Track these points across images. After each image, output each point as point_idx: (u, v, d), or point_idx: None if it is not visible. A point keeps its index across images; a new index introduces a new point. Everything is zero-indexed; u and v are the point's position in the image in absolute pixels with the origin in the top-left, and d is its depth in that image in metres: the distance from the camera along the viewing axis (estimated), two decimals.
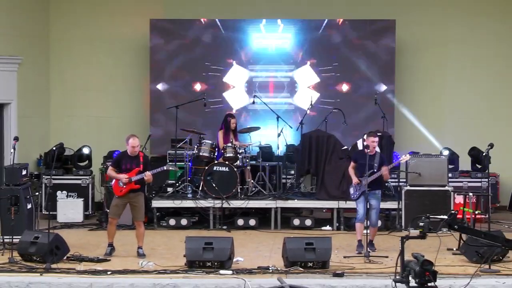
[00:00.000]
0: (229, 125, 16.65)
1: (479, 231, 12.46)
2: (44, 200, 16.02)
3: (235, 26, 18.39)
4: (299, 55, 18.41)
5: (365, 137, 14.17)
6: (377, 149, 14.12)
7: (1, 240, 13.39)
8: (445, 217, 10.89)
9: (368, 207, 13.55)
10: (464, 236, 12.87)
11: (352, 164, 13.95)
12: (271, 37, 18.42)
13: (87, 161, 17.60)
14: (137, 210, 13.29)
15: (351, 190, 13.77)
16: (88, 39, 18.66)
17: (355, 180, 13.64)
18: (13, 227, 13.28)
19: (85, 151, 17.65)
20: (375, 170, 13.51)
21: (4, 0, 16.90)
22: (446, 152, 17.14)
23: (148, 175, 13.13)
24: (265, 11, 18.51)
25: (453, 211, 10.98)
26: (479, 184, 16.84)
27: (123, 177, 13.13)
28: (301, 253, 12.20)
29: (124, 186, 13.15)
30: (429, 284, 9.94)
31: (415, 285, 9.93)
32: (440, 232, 11.42)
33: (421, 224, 10.84)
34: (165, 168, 13.84)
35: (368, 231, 13.51)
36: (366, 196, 13.53)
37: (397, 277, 10.37)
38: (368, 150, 13.58)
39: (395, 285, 10.17)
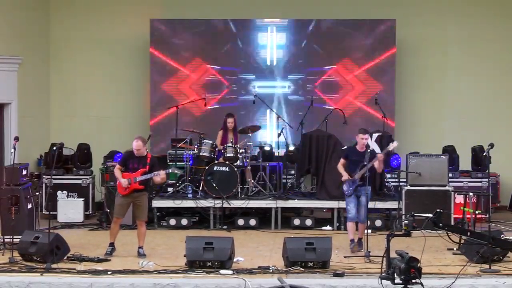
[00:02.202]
0: (226, 124, 16.67)
1: (465, 229, 12.49)
2: (45, 200, 16.01)
3: (236, 26, 18.41)
4: (300, 55, 18.41)
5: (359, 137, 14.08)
6: (376, 147, 14.07)
7: (2, 240, 13.39)
8: (430, 215, 10.96)
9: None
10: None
11: (342, 161, 13.81)
12: (271, 37, 18.42)
13: (87, 161, 17.60)
14: (140, 209, 13.32)
15: (345, 187, 13.63)
16: (88, 39, 18.65)
17: (345, 176, 13.54)
18: (13, 227, 13.28)
19: (85, 151, 17.65)
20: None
21: (4, 0, 16.90)
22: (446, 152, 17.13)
23: (162, 174, 13.15)
24: (265, 11, 18.50)
25: (438, 210, 11.02)
26: (479, 184, 16.85)
27: (123, 181, 13.16)
28: (302, 253, 12.21)
29: (129, 186, 13.17)
30: (413, 281, 10.13)
31: (400, 282, 10.18)
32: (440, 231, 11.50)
33: (406, 222, 10.98)
34: (169, 171, 13.82)
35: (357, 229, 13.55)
36: (357, 194, 13.49)
37: (383, 274, 10.61)
38: (370, 149, 13.55)
39: (381, 282, 10.33)
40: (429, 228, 11.14)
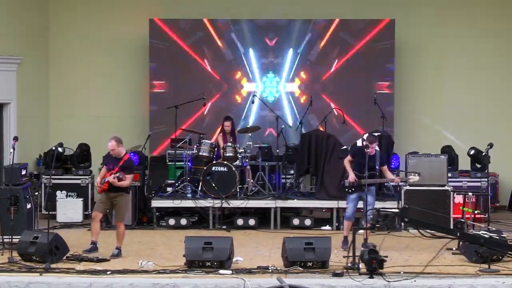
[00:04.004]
0: (223, 128, 16.68)
1: (433, 224, 12.49)
2: (44, 200, 16.02)
3: (236, 26, 18.42)
4: (300, 55, 18.41)
5: (364, 137, 14.14)
6: (376, 148, 14.08)
7: (1, 240, 13.39)
8: (396, 210, 11.15)
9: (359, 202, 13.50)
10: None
11: (349, 158, 13.89)
12: (271, 37, 18.43)
13: (86, 161, 17.60)
14: (116, 210, 13.35)
15: (346, 183, 13.68)
16: (88, 39, 18.65)
17: (352, 176, 13.59)
18: (12, 227, 13.27)
19: (85, 151, 17.65)
20: (376, 173, 13.45)
21: (3, 0, 16.90)
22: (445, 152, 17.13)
23: (110, 178, 13.07)
24: (265, 11, 18.51)
25: (405, 206, 11.15)
26: (478, 184, 16.85)
27: (96, 182, 13.33)
28: (301, 253, 12.20)
29: (100, 185, 13.23)
30: (378, 271, 10.52)
31: (366, 272, 10.95)
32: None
33: (371, 216, 11.22)
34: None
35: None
36: (362, 196, 13.47)
37: (349, 265, 11.43)
38: (368, 150, 13.52)
39: (347, 272, 10.64)
40: (393, 224, 11.31)
